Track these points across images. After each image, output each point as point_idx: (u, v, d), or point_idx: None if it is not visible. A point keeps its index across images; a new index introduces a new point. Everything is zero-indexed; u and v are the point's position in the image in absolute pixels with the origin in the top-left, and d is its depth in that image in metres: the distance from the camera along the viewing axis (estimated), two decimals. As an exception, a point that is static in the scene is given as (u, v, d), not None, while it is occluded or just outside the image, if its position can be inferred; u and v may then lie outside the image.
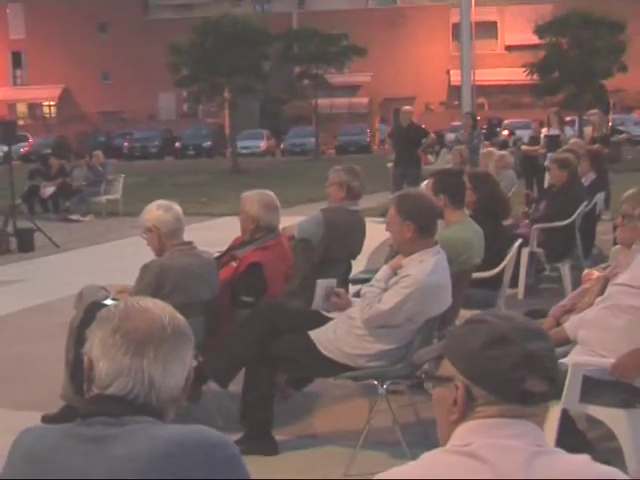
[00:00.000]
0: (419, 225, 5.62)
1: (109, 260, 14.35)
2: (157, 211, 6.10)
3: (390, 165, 19.44)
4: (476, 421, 2.20)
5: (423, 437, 5.83)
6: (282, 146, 55.08)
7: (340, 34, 45.42)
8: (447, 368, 2.27)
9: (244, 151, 45.17)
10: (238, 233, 6.91)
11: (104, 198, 21.51)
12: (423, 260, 5.59)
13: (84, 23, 66.85)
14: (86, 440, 2.21)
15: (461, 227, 6.84)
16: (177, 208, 6.17)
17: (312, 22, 49.41)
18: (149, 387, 2.27)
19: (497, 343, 2.20)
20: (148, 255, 6.43)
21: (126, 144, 56.07)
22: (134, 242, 16.33)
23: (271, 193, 6.91)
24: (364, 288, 5.80)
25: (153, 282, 5.94)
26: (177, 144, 56.34)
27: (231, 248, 6.92)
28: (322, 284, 6.25)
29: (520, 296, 9.57)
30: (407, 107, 19.92)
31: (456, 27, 58.61)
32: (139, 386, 2.26)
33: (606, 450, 5.27)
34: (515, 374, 2.17)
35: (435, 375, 2.34)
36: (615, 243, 10.11)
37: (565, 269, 10.41)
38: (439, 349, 2.39)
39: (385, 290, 5.57)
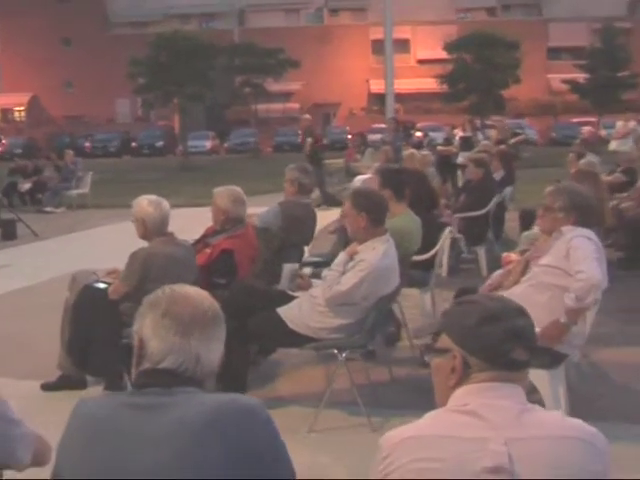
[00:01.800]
0: (371, 216, 5.70)
1: (83, 247, 14.27)
2: (147, 207, 6.06)
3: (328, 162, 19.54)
4: (471, 385, 2.29)
5: (374, 397, 5.94)
6: (226, 145, 54.95)
7: (277, 48, 45.29)
8: (445, 341, 2.37)
9: (192, 150, 44.87)
10: (193, 223, 6.89)
11: (75, 192, 21.37)
12: (375, 247, 5.66)
13: (51, 37, 65.92)
14: (143, 407, 2.22)
15: (403, 218, 6.90)
16: (165, 205, 6.13)
17: (252, 38, 49.24)
18: (195, 362, 2.31)
19: (489, 320, 2.31)
20: (117, 243, 6.41)
21: (88, 144, 55.37)
22: (104, 231, 16.42)
23: (239, 189, 6.91)
24: (324, 271, 5.87)
25: (140, 268, 5.92)
26: (133, 144, 56.08)
27: (204, 236, 6.92)
28: (288, 268, 6.31)
29: (444, 274, 9.67)
30: (306, 115, 19.95)
31: (375, 43, 59.16)
32: (188, 361, 2.30)
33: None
34: (505, 346, 2.28)
35: (435, 347, 2.42)
36: (521, 230, 10.34)
37: (481, 252, 10.59)
38: (438, 326, 2.47)
39: (343, 273, 5.63)
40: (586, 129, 26.41)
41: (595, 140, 24.68)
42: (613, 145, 18.44)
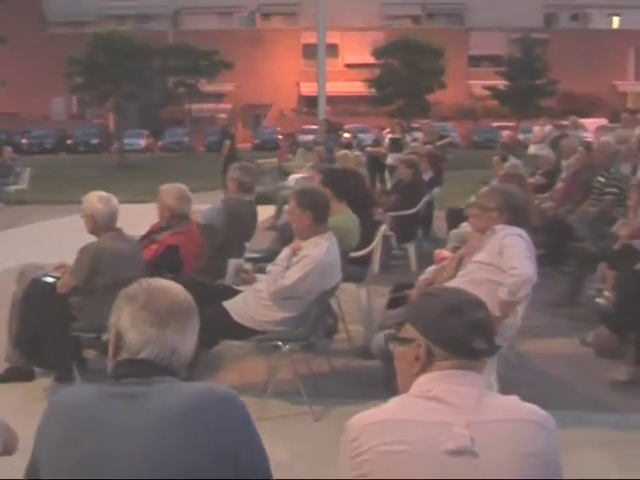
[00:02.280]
0: (315, 214, 5.75)
1: (24, 242, 14.00)
2: (97, 203, 6.01)
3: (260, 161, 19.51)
4: (435, 372, 2.36)
5: (315, 387, 6.00)
6: (160, 144, 54.54)
7: (210, 50, 45.02)
8: (410, 331, 2.44)
9: (128, 148, 44.40)
10: (133, 219, 6.83)
11: (13, 188, 20.95)
12: (319, 243, 5.72)
13: (-13, 36, 64.54)
14: (122, 396, 2.23)
15: (343, 216, 6.96)
16: (114, 201, 6.09)
17: (186, 39, 48.88)
18: (172, 353, 2.33)
19: (452, 312, 2.39)
20: (58, 238, 6.35)
21: (24, 141, 54.27)
22: (45, 226, 16.17)
23: (184, 186, 6.90)
24: (269, 266, 5.90)
25: (90, 262, 5.87)
26: (69, 141, 55.28)
27: (150, 232, 6.89)
28: (233, 263, 6.33)
29: (376, 270, 9.76)
30: (222, 115, 19.94)
31: (305, 47, 59.24)
32: (164, 352, 2.31)
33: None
34: (467, 336, 2.36)
35: (399, 336, 2.49)
36: (449, 228, 10.50)
37: (411, 249, 10.73)
38: (402, 316, 2.53)
39: (287, 268, 5.68)
40: (505, 133, 26.90)
41: (514, 144, 25.11)
42: (532, 149, 18.74)
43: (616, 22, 70.30)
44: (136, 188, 21.12)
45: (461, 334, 2.36)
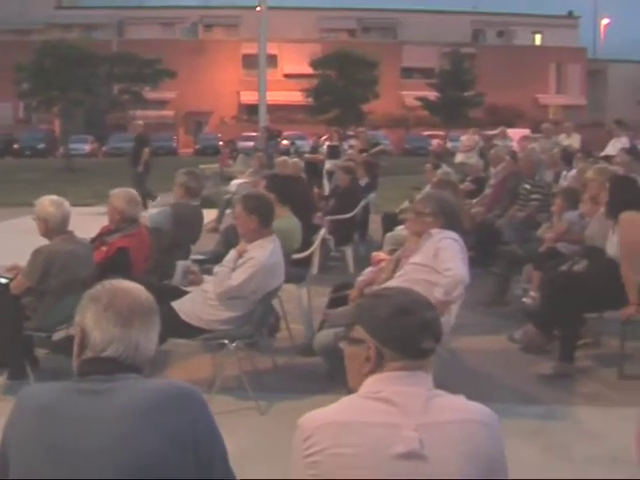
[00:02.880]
0: (260, 218, 5.77)
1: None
2: (49, 207, 5.93)
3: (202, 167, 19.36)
4: (384, 373, 2.33)
5: (259, 383, 6.01)
6: (104, 149, 53.86)
7: (154, 59, 44.58)
8: (360, 333, 2.38)
9: (73, 152, 43.73)
10: (77, 222, 6.71)
11: (-39, 191, 20.53)
12: (263, 246, 5.74)
13: None
14: (88, 392, 2.23)
15: (286, 220, 6.99)
16: (66, 205, 6.00)
17: (130, 48, 48.36)
18: (135, 350, 2.33)
19: (402, 313, 2.35)
20: (10, 240, 6.25)
21: (-30, 145, 53.32)
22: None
23: (133, 190, 6.87)
24: (216, 268, 5.90)
25: (43, 264, 5.78)
26: (15, 146, 54.19)
27: (100, 235, 6.82)
28: (181, 264, 6.31)
29: (315, 272, 9.79)
30: (139, 122, 19.78)
31: (245, 57, 59.14)
32: (128, 350, 2.32)
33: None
34: (416, 337, 2.34)
35: (349, 337, 2.43)
36: (384, 231, 10.58)
37: (348, 251, 10.79)
38: (351, 317, 2.47)
39: (233, 270, 5.68)
40: (435, 142, 27.11)
41: (443, 152, 25.34)
42: (459, 157, 18.90)
43: (538, 39, 71.51)
44: (82, 191, 20.83)
45: (410, 335, 2.33)
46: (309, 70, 46.08)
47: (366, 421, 2.22)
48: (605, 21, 75.65)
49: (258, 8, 23.55)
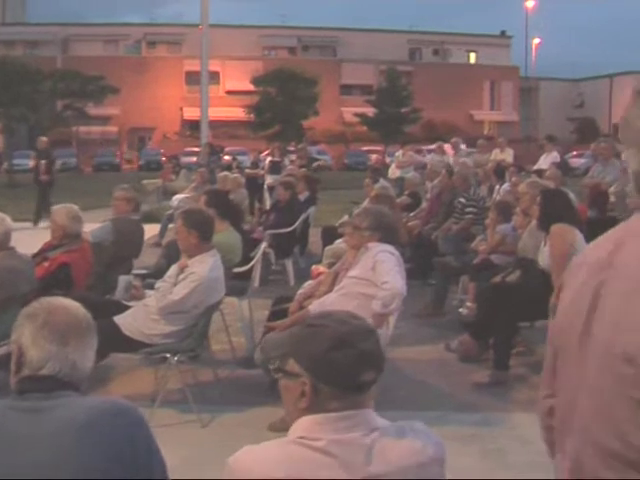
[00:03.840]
0: (200, 234, 5.73)
1: None
2: None
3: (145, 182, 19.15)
4: (322, 415, 2.11)
5: (201, 396, 5.95)
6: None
7: (97, 76, 44.15)
8: (294, 367, 2.16)
9: (16, 168, 43.02)
10: (21, 238, 6.59)
11: None
12: (204, 261, 5.70)
13: None
14: (26, 410, 2.19)
15: (226, 234, 6.96)
16: (8, 221, 5.88)
17: (75, 65, 47.88)
18: (72, 368, 2.29)
19: (337, 347, 2.11)
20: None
21: None
22: None
23: (75, 206, 6.78)
24: (158, 283, 5.84)
25: (-16, 279, 5.68)
26: (-44, 161, 53.14)
27: (42, 250, 6.71)
28: (123, 279, 6.22)
29: (256, 285, 9.75)
30: (43, 138, 19.55)
31: (188, 74, 58.84)
32: (65, 368, 2.28)
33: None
34: (353, 371, 2.10)
35: (284, 370, 2.19)
36: (324, 245, 10.59)
37: (288, 264, 10.78)
38: (285, 348, 2.25)
39: (175, 284, 5.63)
40: (374, 157, 27.25)
41: (382, 167, 25.50)
42: (396, 172, 19.01)
43: (473, 57, 72.53)
44: (25, 207, 20.46)
45: (348, 369, 2.09)
46: (251, 87, 46.10)
47: (304, 477, 2.00)
48: (536, 41, 77.01)
49: (200, 26, 23.48)
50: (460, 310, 8.48)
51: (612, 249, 1.68)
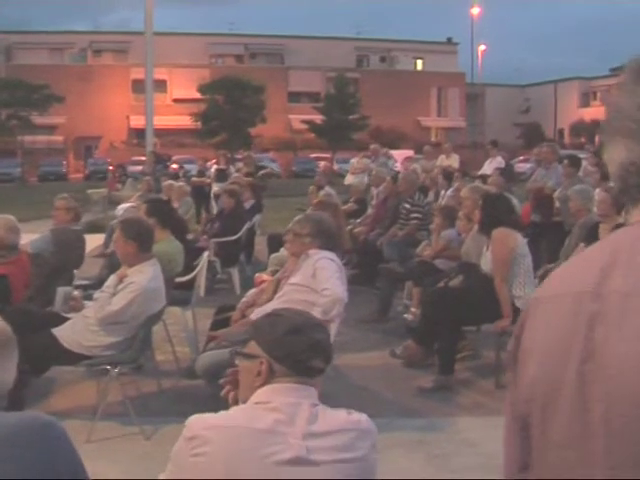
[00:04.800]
0: (139, 243, 5.66)
1: None
2: None
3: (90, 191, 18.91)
4: (274, 385, 2.43)
5: (144, 407, 5.88)
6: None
7: (42, 84, 43.63)
8: (254, 348, 2.50)
9: (-44, 178, 42.35)
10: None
11: None
12: (143, 270, 5.63)
13: None
14: None
15: (167, 243, 6.87)
16: None
17: (18, 73, 47.25)
18: None
19: (293, 332, 2.46)
20: None
21: None
22: None
23: (13, 217, 6.66)
24: (96, 293, 5.76)
25: None
26: None
27: (-22, 263, 6.58)
28: (61, 291, 6.13)
29: (202, 294, 9.68)
30: None
31: (135, 82, 58.34)
32: None
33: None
34: (305, 355, 2.45)
35: (244, 352, 2.54)
36: (269, 253, 10.55)
37: (234, 273, 10.72)
38: (248, 333, 2.59)
39: (114, 295, 5.56)
40: (322, 164, 27.26)
41: (330, 174, 25.53)
42: (350, 179, 19.06)
43: (420, 64, 73.06)
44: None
45: (300, 353, 2.43)
46: (198, 95, 45.93)
47: (254, 427, 2.30)
48: (482, 47, 77.94)
49: (144, 34, 23.34)
50: (405, 316, 8.51)
51: (599, 274, 1.24)
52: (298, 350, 2.44)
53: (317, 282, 5.22)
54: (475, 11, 75.23)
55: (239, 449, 2.28)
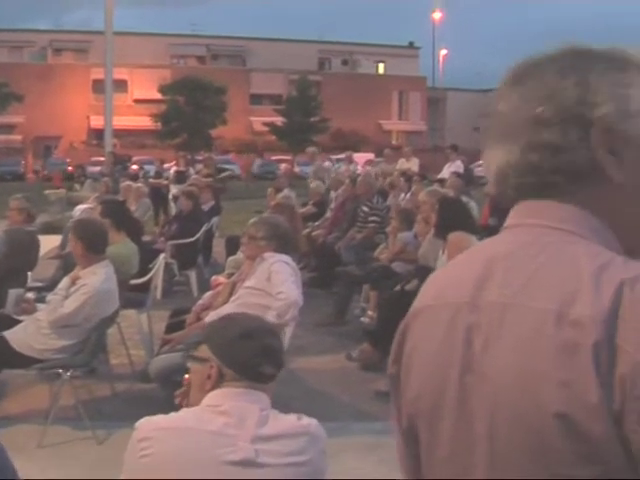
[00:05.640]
0: (88, 244, 5.61)
1: None
2: None
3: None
4: (225, 388, 2.44)
5: (97, 411, 5.81)
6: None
7: (1, 83, 43.10)
8: (205, 352, 2.50)
9: None
10: None
11: None
12: (96, 272, 5.58)
13: None
14: None
15: (122, 245, 6.81)
16: None
17: (-25, 72, 46.70)
18: None
19: (244, 337, 2.47)
20: None
21: None
22: None
23: None
24: (49, 296, 5.69)
25: None
26: None
27: None
28: (13, 293, 6.04)
29: (159, 297, 9.60)
30: None
31: (95, 82, 57.81)
32: None
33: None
34: (255, 361, 2.45)
35: (195, 355, 2.54)
36: (227, 255, 10.51)
37: (192, 275, 10.64)
38: (201, 336, 2.60)
39: (66, 297, 5.49)
40: (283, 166, 27.26)
41: (290, 176, 25.53)
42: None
43: (381, 68, 73.40)
44: None
45: (251, 359, 2.44)
46: (159, 96, 45.71)
47: (203, 429, 2.32)
48: (444, 52, 78.54)
49: (104, 33, 23.16)
50: (362, 319, 8.52)
51: (475, 285, 1.20)
52: (248, 355, 2.44)
53: (272, 285, 5.21)
54: (437, 16, 75.85)
55: (188, 450, 2.28)
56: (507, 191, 1.23)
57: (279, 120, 48.14)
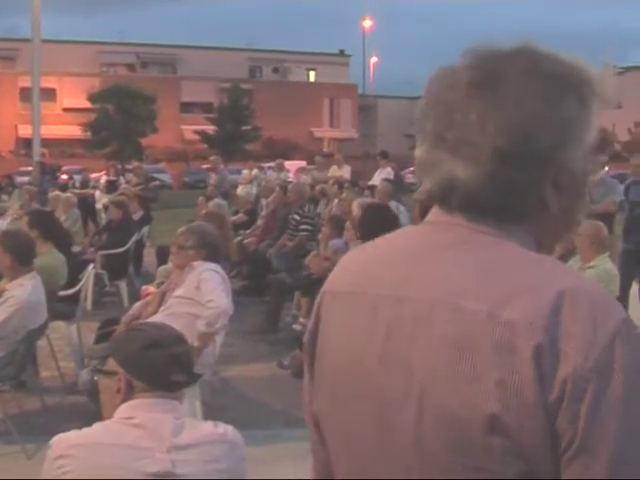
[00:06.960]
0: (15, 256, 5.54)
1: None
2: None
3: None
4: (136, 400, 2.42)
5: (27, 426, 5.72)
6: None
7: None
8: (113, 365, 2.48)
9: None
10: None
11: None
12: (23, 284, 5.52)
13: None
14: None
15: (49, 256, 6.73)
16: None
17: None
18: None
19: (152, 347, 2.44)
20: None
21: None
22: None
23: None
24: (-26, 309, 5.59)
25: None
26: None
27: None
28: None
29: (89, 308, 9.48)
30: None
31: (23, 90, 56.82)
32: None
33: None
34: (165, 370, 2.42)
35: (103, 370, 2.56)
36: (158, 265, 10.45)
37: (122, 285, 10.56)
38: (108, 350, 2.61)
39: (-7, 310, 5.42)
40: (213, 175, 27.17)
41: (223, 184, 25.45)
42: (239, 190, 19.07)
43: (312, 76, 73.67)
44: None
45: (159, 368, 2.41)
46: (89, 104, 45.15)
47: (117, 443, 2.30)
48: (374, 59, 79.13)
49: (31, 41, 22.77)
50: (294, 326, 8.55)
51: (399, 279, 1.19)
52: (156, 365, 2.42)
53: (201, 294, 5.21)
54: (367, 24, 76.34)
55: (106, 466, 2.26)
56: (450, 201, 1.20)
57: (210, 129, 47.94)
